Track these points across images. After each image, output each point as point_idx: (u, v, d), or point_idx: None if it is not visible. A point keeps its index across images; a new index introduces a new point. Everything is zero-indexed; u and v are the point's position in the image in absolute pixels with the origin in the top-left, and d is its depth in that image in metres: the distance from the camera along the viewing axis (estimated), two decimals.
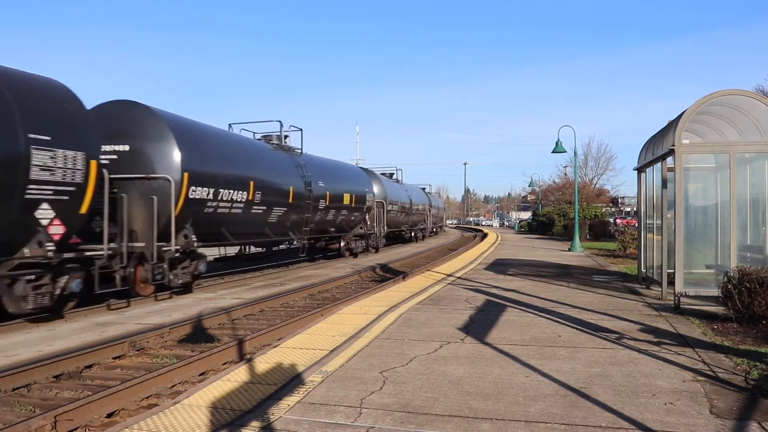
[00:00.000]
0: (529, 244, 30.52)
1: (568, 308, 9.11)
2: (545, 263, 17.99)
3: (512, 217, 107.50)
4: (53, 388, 6.51)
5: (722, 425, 4.08)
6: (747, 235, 9.87)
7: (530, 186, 64.31)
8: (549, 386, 5.02)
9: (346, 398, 4.70)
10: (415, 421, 4.18)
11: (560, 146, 25.18)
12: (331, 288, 14.83)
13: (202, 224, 13.04)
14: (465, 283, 12.67)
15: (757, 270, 7.71)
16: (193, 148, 12.73)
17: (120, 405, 5.71)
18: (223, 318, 10.32)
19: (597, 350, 6.34)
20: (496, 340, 6.83)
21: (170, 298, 12.66)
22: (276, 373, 5.46)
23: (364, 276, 17.47)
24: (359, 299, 10.50)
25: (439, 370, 5.56)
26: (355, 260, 22.53)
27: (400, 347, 6.51)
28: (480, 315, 8.56)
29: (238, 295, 13.09)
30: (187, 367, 6.83)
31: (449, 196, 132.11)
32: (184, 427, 4.11)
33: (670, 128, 9.73)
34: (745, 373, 5.32)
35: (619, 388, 4.94)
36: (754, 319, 7.41)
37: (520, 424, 4.12)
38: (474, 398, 4.70)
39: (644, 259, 12.25)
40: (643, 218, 12.47)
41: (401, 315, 8.53)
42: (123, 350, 7.92)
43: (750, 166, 9.87)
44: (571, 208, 35.90)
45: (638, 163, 12.55)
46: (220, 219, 13.81)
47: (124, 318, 10.33)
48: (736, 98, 9.07)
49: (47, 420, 4.98)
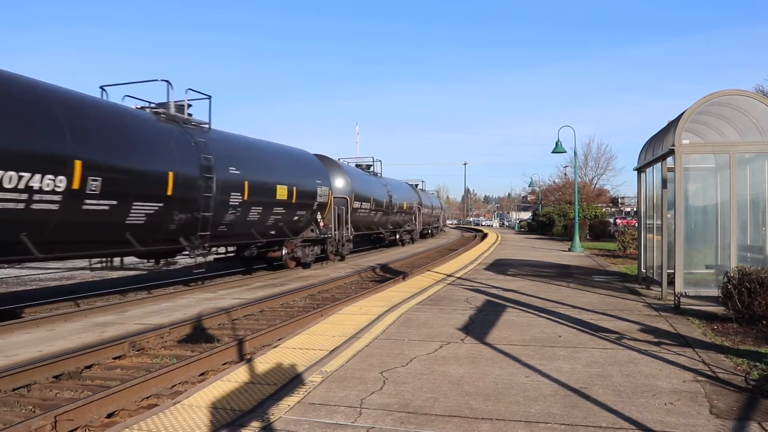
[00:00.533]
0: (529, 244, 30.52)
1: (568, 308, 9.11)
2: (545, 263, 17.99)
3: (512, 217, 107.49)
4: (53, 388, 6.51)
5: (722, 425, 4.08)
6: (747, 236, 9.86)
7: (530, 186, 64.34)
8: (549, 386, 5.02)
9: (346, 398, 4.70)
10: (415, 422, 4.18)
11: (560, 146, 25.20)
12: (331, 288, 14.84)
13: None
14: (465, 283, 12.67)
15: (757, 270, 7.71)
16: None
17: (120, 405, 5.71)
18: (223, 318, 10.32)
19: (597, 350, 6.34)
20: (496, 341, 6.83)
21: (170, 299, 12.67)
22: (276, 373, 5.46)
23: (364, 276, 17.48)
24: (359, 299, 10.50)
25: (439, 370, 5.56)
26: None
27: (400, 347, 6.51)
28: (480, 315, 8.56)
29: (238, 296, 13.10)
30: (187, 367, 6.83)
31: (449, 196, 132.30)
32: (184, 427, 4.11)
33: (670, 128, 9.73)
34: (745, 373, 5.32)
35: (619, 389, 4.94)
36: (754, 319, 7.41)
37: (520, 424, 4.12)
38: (474, 398, 4.70)
39: (644, 259, 12.25)
40: (643, 218, 12.47)
41: (401, 315, 8.53)
42: (123, 350, 7.92)
43: (750, 166, 9.87)
44: (571, 208, 35.91)
45: (638, 163, 12.55)
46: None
47: (124, 318, 10.33)
48: (735, 98, 9.07)
49: (47, 420, 4.98)
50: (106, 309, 11.20)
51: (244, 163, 14.89)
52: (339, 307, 9.66)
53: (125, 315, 10.66)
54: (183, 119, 13.53)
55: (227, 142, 14.97)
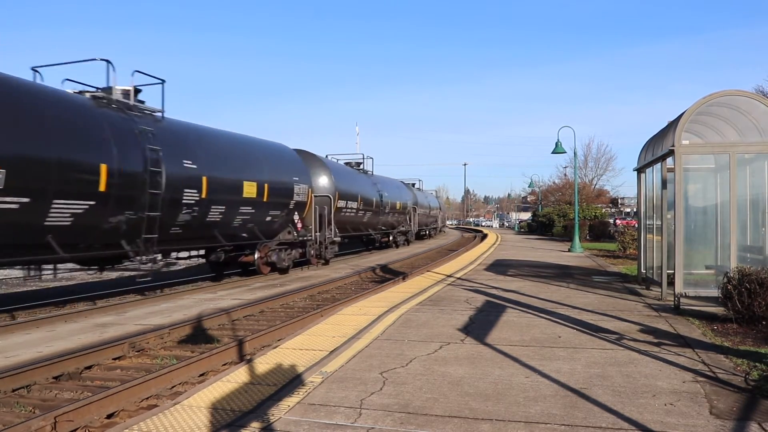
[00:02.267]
0: (528, 244, 30.52)
1: (568, 309, 9.10)
2: (545, 264, 17.99)
3: (512, 217, 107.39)
4: (53, 389, 6.51)
5: (722, 426, 4.08)
6: (747, 236, 9.86)
7: (530, 186, 64.32)
8: (549, 387, 5.02)
9: (346, 399, 4.69)
10: (415, 422, 4.18)
11: (560, 147, 25.21)
12: (331, 289, 14.83)
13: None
14: (465, 283, 12.67)
15: (757, 271, 7.71)
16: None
17: (120, 406, 5.71)
18: (223, 319, 10.31)
19: (597, 351, 6.33)
20: (496, 341, 6.83)
21: (170, 299, 12.66)
22: (276, 373, 5.46)
23: (363, 277, 17.47)
24: (359, 300, 10.49)
25: (439, 370, 5.56)
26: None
27: (399, 348, 6.51)
28: (480, 316, 8.56)
29: (238, 296, 13.09)
30: (187, 367, 6.83)
31: (449, 197, 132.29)
32: (184, 427, 4.11)
33: (670, 129, 9.73)
34: (745, 373, 5.32)
35: (619, 389, 4.94)
36: (754, 319, 7.41)
37: (520, 424, 4.12)
38: (474, 399, 4.70)
39: (644, 259, 12.25)
40: (643, 219, 12.48)
41: (401, 316, 8.53)
42: (123, 351, 7.92)
43: (750, 166, 9.87)
44: (571, 208, 35.90)
45: (638, 163, 12.55)
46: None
47: (124, 319, 10.33)
48: (735, 99, 9.07)
49: (47, 421, 4.98)
50: (106, 309, 11.19)
51: (202, 156, 13.12)
52: (339, 308, 9.65)
53: (125, 316, 10.66)
54: (127, 105, 11.74)
55: (183, 132, 13.23)
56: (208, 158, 13.38)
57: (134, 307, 11.55)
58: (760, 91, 27.32)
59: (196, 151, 13.06)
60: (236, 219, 14.64)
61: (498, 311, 8.90)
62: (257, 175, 15.22)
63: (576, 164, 31.15)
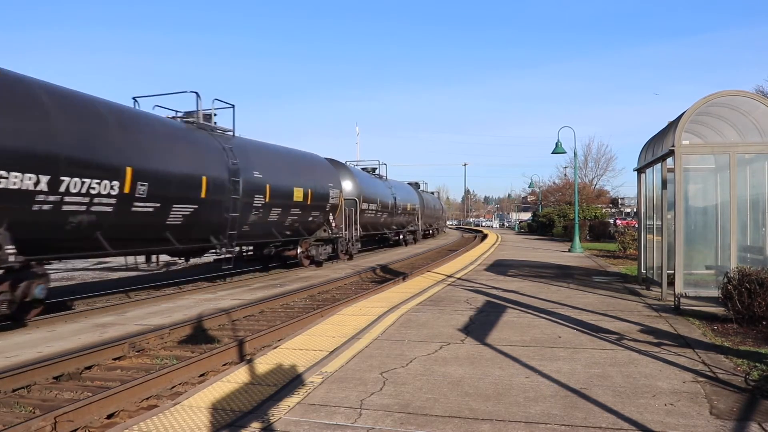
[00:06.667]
0: (528, 245, 30.52)
1: (568, 309, 9.10)
2: (545, 264, 17.99)
3: (512, 217, 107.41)
4: (53, 389, 6.51)
5: (722, 426, 4.08)
6: (747, 236, 9.86)
7: (530, 187, 64.40)
8: (549, 387, 5.02)
9: (346, 399, 4.69)
10: (415, 422, 4.18)
11: (560, 147, 25.21)
12: (331, 289, 14.83)
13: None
14: (465, 284, 12.66)
15: (757, 271, 7.71)
16: None
17: (120, 406, 5.71)
18: (223, 319, 10.31)
19: (597, 351, 6.33)
20: (496, 341, 6.83)
21: (170, 299, 12.67)
22: (276, 374, 5.46)
23: (364, 277, 17.48)
24: (359, 300, 10.50)
25: (439, 371, 5.56)
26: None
27: (400, 348, 6.51)
28: (480, 316, 8.55)
29: (238, 296, 13.10)
30: (187, 368, 6.83)
31: (449, 197, 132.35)
32: (184, 428, 4.11)
33: (670, 129, 9.73)
34: (745, 373, 5.32)
35: (619, 389, 4.94)
36: (754, 319, 7.41)
37: (520, 425, 4.12)
38: (474, 399, 4.70)
39: (644, 259, 12.25)
40: (643, 219, 12.47)
41: (401, 316, 8.53)
42: (123, 351, 7.92)
43: (750, 167, 9.87)
44: (571, 209, 35.91)
45: (638, 164, 12.55)
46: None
47: (124, 319, 10.33)
48: (735, 99, 9.07)
49: (47, 421, 4.98)
50: (106, 310, 11.20)
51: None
52: (339, 308, 9.66)
53: (125, 316, 10.66)
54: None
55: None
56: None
57: (134, 307, 11.55)
58: (760, 91, 27.34)
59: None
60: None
61: (498, 311, 8.90)
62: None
63: (576, 164, 31.16)
